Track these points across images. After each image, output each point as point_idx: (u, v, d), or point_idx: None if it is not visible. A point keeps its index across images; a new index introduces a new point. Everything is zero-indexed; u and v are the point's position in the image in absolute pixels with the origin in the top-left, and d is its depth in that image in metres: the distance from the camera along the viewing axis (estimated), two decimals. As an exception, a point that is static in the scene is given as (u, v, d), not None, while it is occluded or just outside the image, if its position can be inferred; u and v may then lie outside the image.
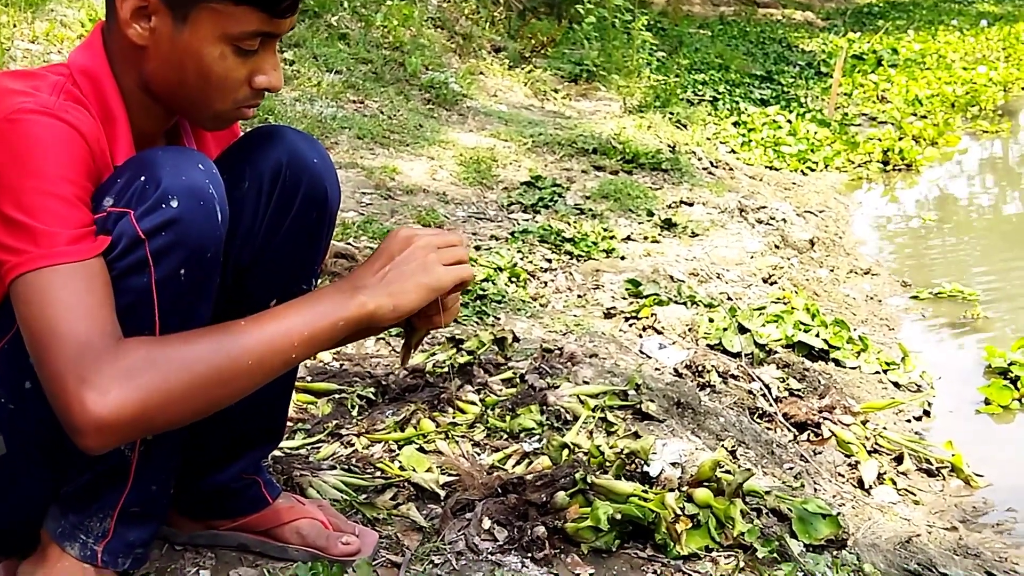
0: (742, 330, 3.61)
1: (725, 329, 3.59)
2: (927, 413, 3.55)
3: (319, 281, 1.82)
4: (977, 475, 3.09)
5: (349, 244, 3.83)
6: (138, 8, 1.45)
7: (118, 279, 1.41)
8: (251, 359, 1.39)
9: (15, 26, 4.95)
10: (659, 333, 3.54)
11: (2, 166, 1.36)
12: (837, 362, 3.71)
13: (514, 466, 2.33)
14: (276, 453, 2.27)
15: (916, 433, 3.36)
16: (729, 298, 4.13)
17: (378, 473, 2.28)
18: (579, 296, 3.91)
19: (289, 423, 2.43)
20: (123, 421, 1.31)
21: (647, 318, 3.64)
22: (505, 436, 2.49)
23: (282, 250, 1.70)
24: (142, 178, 1.43)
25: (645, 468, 2.25)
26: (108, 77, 1.52)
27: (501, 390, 2.74)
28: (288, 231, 1.69)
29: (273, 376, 1.43)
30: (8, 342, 1.49)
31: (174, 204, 1.41)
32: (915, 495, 2.94)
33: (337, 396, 2.69)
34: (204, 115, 1.57)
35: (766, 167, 7.23)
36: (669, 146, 6.52)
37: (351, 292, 1.46)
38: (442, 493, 2.17)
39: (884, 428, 3.24)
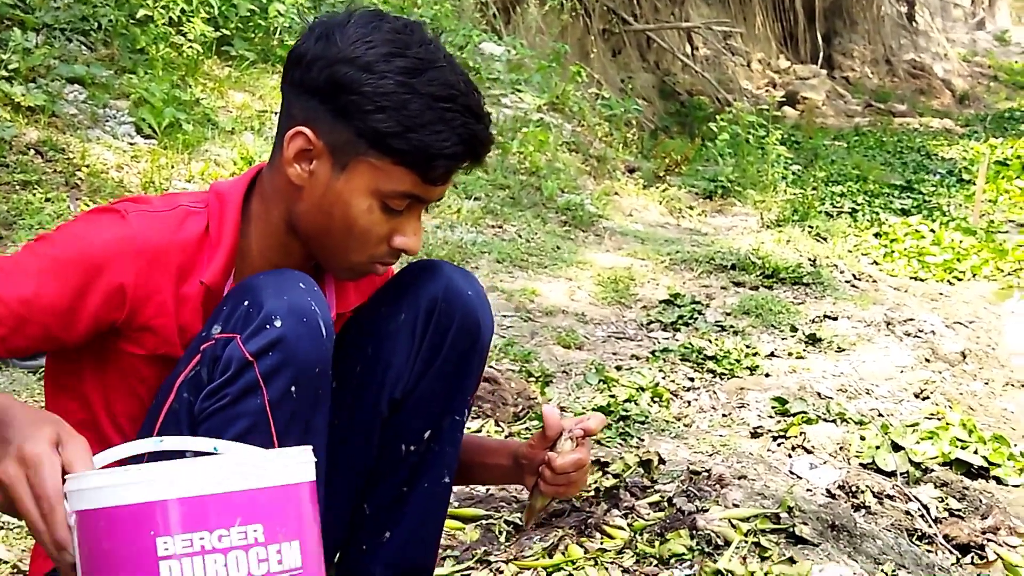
0: (896, 448, 3.49)
1: (878, 447, 3.48)
2: (1100, 533, 3.36)
3: (470, 412, 1.85)
4: None
5: (491, 367, 3.87)
6: (303, 150, 1.53)
7: (233, 404, 1.45)
8: None
9: (173, 167, 5.22)
10: (809, 452, 3.46)
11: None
12: (998, 480, 3.55)
13: (666, 593, 2.29)
14: (426, 580, 2.27)
15: (1090, 555, 3.18)
16: (880, 414, 4.02)
17: (528, 601, 2.26)
18: (724, 415, 3.85)
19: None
20: None
21: (796, 437, 3.56)
22: (655, 562, 2.44)
23: (435, 381, 1.73)
24: (245, 303, 1.48)
25: (802, 595, 2.18)
26: (236, 205, 1.59)
27: (649, 514, 2.70)
28: (442, 362, 1.72)
29: None
30: None
31: (278, 324, 1.45)
32: (1093, 622, 2.77)
33: (484, 522, 2.69)
34: (339, 264, 1.61)
35: (911, 278, 7.07)
36: (810, 260, 6.44)
37: None
38: (593, 621, 2.14)
39: (1054, 550, 3.07)
